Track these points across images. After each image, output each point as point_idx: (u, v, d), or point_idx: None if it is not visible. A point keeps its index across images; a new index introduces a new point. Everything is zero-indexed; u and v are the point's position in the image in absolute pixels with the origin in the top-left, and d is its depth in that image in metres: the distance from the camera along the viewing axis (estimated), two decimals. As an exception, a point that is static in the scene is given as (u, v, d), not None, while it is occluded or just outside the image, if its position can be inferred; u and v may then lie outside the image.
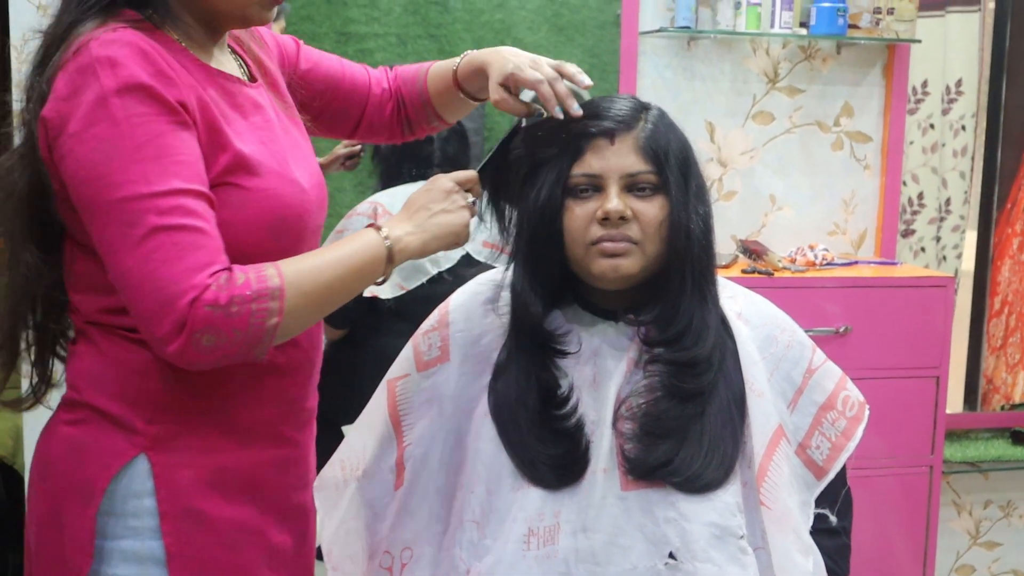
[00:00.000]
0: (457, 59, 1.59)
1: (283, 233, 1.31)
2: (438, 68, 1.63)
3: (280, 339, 1.25)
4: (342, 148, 2.75)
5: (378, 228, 1.33)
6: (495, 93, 1.47)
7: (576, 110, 1.39)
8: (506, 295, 1.44)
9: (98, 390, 1.29)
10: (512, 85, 1.45)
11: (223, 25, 1.35)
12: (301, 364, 1.40)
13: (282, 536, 1.39)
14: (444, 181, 1.40)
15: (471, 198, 1.41)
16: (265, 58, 1.48)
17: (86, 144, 1.19)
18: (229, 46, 1.41)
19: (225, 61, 1.38)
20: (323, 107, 1.60)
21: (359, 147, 2.75)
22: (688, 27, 2.78)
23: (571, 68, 1.43)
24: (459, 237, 1.39)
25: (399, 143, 1.77)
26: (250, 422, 1.35)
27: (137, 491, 1.28)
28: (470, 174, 1.42)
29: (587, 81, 1.42)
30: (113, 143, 1.18)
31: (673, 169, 1.37)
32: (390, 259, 1.33)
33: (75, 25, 1.25)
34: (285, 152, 1.35)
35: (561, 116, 1.39)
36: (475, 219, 1.43)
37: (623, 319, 1.40)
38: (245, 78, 1.40)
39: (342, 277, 1.30)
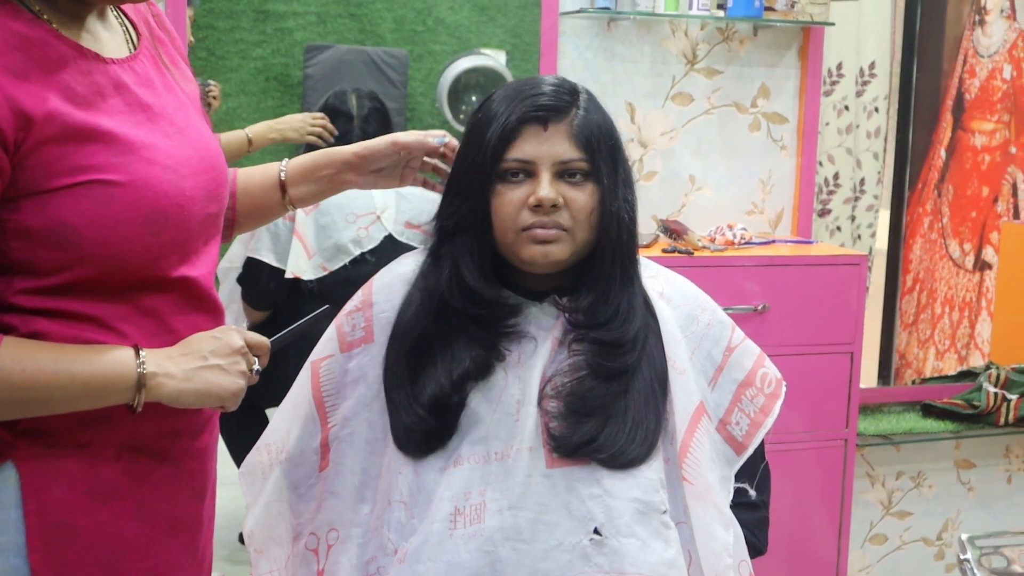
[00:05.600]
0: (277, 164, 1.54)
1: (163, 227, 1.21)
2: (251, 177, 1.54)
3: None
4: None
5: (138, 352, 1.20)
6: (407, 138, 1.51)
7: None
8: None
9: None
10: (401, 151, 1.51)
11: (91, 1, 1.23)
12: None
13: (173, 551, 1.31)
14: (235, 337, 1.27)
15: (256, 365, 1.30)
16: (164, 33, 1.37)
17: None
18: (120, 10, 1.31)
19: (101, 30, 1.26)
20: None
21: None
22: (608, 8, 2.79)
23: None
24: (223, 401, 1.26)
25: None
26: (136, 430, 1.24)
27: (2, 502, 1.18)
28: (263, 341, 1.32)
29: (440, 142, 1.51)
30: None
31: (604, 156, 1.37)
32: (140, 387, 1.19)
33: None
34: (162, 135, 1.24)
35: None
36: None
37: (556, 305, 1.40)
38: (130, 48, 1.28)
39: (66, 387, 1.16)
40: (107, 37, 1.26)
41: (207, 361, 1.24)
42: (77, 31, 1.22)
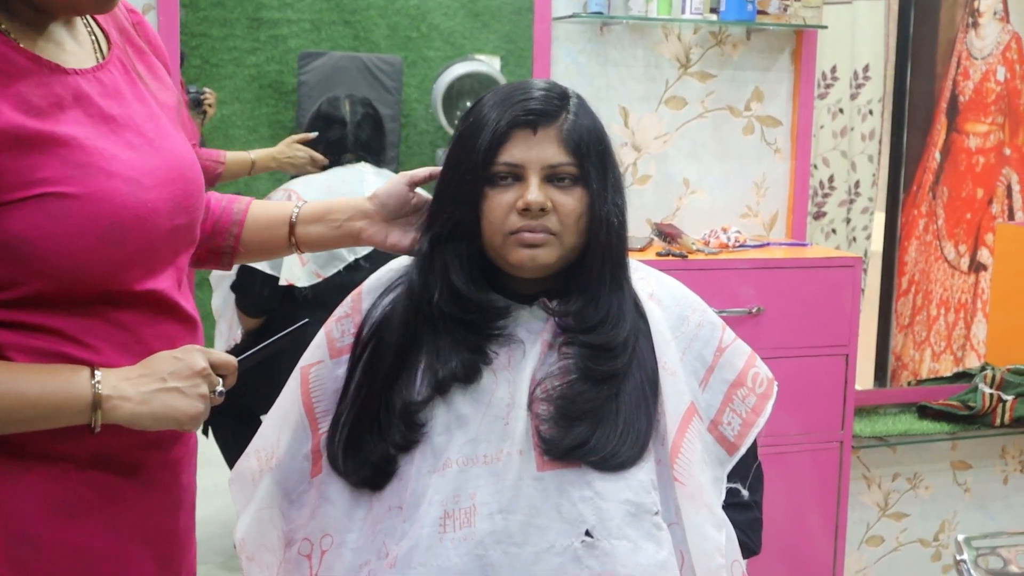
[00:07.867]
0: (293, 203, 1.53)
1: (122, 239, 1.18)
2: (264, 210, 1.52)
3: None
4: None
5: (94, 372, 1.18)
6: (418, 171, 1.50)
7: None
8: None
9: None
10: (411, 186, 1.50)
11: (53, 11, 1.21)
12: None
13: (143, 563, 1.29)
14: (198, 358, 1.24)
15: (219, 386, 1.27)
16: (144, 42, 1.36)
17: None
18: (92, 17, 1.28)
19: (67, 39, 1.24)
20: None
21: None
22: (601, 12, 2.80)
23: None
24: (181, 425, 1.23)
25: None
26: (105, 442, 1.22)
27: None
28: (229, 361, 1.30)
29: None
30: None
31: (593, 161, 1.38)
32: (96, 408, 1.17)
33: None
34: (126, 146, 1.22)
35: None
36: None
37: (545, 308, 1.40)
38: (98, 57, 1.26)
39: (20, 408, 1.14)
40: (73, 47, 1.25)
41: (166, 383, 1.21)
42: (37, 41, 1.20)
